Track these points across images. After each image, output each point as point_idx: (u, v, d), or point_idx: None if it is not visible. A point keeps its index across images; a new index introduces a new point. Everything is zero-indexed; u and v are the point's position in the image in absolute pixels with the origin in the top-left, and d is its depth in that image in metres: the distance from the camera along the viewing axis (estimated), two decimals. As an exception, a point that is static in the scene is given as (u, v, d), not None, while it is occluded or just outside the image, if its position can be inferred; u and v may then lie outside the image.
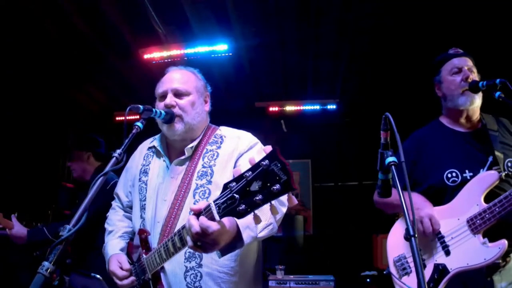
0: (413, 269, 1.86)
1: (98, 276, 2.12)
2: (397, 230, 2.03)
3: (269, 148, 0.98)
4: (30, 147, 5.95)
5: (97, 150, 3.13)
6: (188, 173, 1.63)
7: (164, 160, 1.73)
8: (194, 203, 1.56)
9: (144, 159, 1.82)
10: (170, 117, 1.62)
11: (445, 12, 4.00)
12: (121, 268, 1.65)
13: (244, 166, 1.26)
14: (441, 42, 4.20)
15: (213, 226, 1.11)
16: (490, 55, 4.14)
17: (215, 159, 1.64)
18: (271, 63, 5.38)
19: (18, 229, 2.79)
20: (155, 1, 3.92)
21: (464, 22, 4.07)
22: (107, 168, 1.30)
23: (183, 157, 1.67)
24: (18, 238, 2.80)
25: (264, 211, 1.36)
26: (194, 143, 1.68)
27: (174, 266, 1.56)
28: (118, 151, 1.36)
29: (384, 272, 1.98)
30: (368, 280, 4.94)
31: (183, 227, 1.29)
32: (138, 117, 1.53)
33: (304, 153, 6.62)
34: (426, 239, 1.86)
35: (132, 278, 1.62)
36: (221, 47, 4.48)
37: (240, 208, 1.00)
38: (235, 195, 1.00)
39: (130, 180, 1.86)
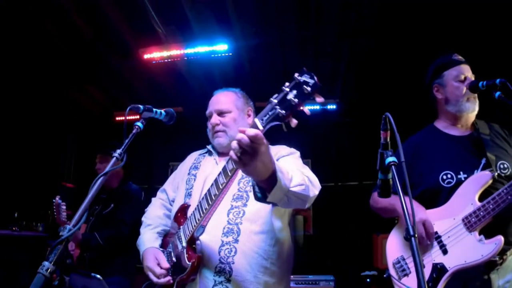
0: (412, 269, 1.90)
1: (98, 276, 2.12)
2: (395, 235, 2.06)
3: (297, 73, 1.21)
4: (30, 147, 5.95)
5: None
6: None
7: (214, 158, 1.91)
8: (238, 189, 1.70)
9: (195, 159, 2.01)
10: (170, 117, 1.70)
11: (445, 13, 4.00)
12: (159, 265, 1.69)
13: (283, 164, 1.43)
14: (441, 43, 4.21)
15: (254, 130, 1.17)
16: (490, 55, 4.14)
17: None
18: (271, 63, 5.38)
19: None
20: (155, 1, 3.92)
21: (464, 23, 4.07)
22: (108, 168, 1.30)
23: None
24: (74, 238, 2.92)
25: (298, 175, 1.45)
26: None
27: (211, 238, 1.61)
28: (118, 151, 1.37)
29: (384, 276, 2.01)
30: (368, 280, 4.93)
31: (228, 161, 1.43)
32: (138, 117, 1.54)
33: (304, 153, 6.60)
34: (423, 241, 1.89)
35: (169, 277, 1.66)
36: (221, 47, 4.48)
37: (281, 112, 1.18)
38: (275, 106, 1.20)
39: (179, 177, 2.00)
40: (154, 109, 1.58)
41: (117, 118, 6.59)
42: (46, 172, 6.26)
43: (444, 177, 1.95)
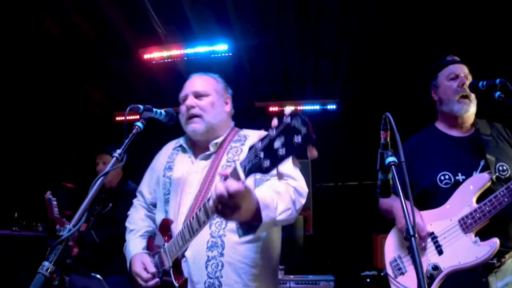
0: (408, 268, 1.92)
1: (98, 276, 2.12)
2: (392, 236, 2.08)
3: (291, 108, 1.00)
4: (30, 147, 5.95)
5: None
6: (213, 167, 1.68)
7: (189, 156, 1.80)
8: None
9: (168, 157, 1.88)
10: (170, 117, 1.67)
11: (445, 13, 4.00)
12: (146, 269, 1.66)
13: (265, 193, 1.34)
14: (441, 43, 4.21)
15: (235, 185, 1.11)
16: (490, 56, 4.14)
17: (239, 154, 1.68)
18: (271, 63, 5.38)
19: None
20: (155, 1, 3.92)
21: (464, 23, 4.07)
22: (108, 168, 1.30)
23: (208, 153, 1.74)
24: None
25: (283, 197, 1.40)
26: (219, 140, 1.74)
27: (196, 254, 1.57)
28: (118, 151, 1.36)
29: (382, 274, 2.03)
30: (368, 280, 4.93)
31: (208, 199, 1.30)
32: (138, 117, 1.53)
33: (304, 153, 6.57)
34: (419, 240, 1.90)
35: (156, 279, 1.63)
36: (221, 47, 4.48)
37: (265, 163, 1.02)
38: (259, 153, 1.03)
39: (154, 178, 1.90)
40: (154, 109, 1.58)
41: (117, 118, 6.59)
42: (46, 172, 6.26)
43: (442, 177, 1.94)
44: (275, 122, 1.04)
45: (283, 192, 1.42)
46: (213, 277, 1.53)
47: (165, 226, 1.67)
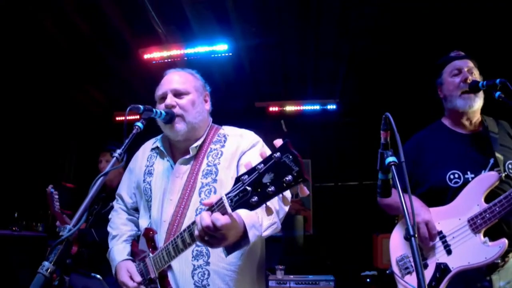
0: None
1: (98, 276, 2.12)
2: (399, 231, 2.05)
3: (279, 141, 1.00)
4: (30, 147, 5.95)
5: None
6: (193, 172, 1.65)
7: (168, 160, 1.74)
8: (200, 202, 1.59)
9: (147, 160, 1.82)
10: (170, 117, 1.62)
11: (445, 13, 4.00)
12: (132, 278, 1.65)
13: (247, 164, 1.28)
14: (441, 42, 4.21)
15: (223, 219, 1.10)
16: (491, 55, 4.14)
17: (220, 157, 1.65)
18: (271, 63, 5.38)
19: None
20: (155, 1, 3.92)
21: (464, 23, 4.07)
22: (108, 168, 1.30)
23: (187, 156, 1.68)
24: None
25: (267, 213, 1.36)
26: (198, 142, 1.69)
27: (182, 264, 1.56)
28: (118, 151, 1.36)
29: (387, 272, 2.00)
30: (368, 280, 4.93)
31: (193, 222, 1.29)
32: (138, 117, 1.53)
33: (304, 153, 6.58)
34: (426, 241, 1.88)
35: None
36: (221, 47, 4.48)
37: (253, 200, 1.00)
38: (247, 187, 1.01)
39: (134, 182, 1.86)
40: (154, 109, 1.57)
41: (117, 118, 6.59)
42: (46, 172, 6.26)
43: (452, 176, 1.92)
44: (263, 153, 1.01)
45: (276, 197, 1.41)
46: (200, 285, 1.53)
47: (148, 236, 1.66)
